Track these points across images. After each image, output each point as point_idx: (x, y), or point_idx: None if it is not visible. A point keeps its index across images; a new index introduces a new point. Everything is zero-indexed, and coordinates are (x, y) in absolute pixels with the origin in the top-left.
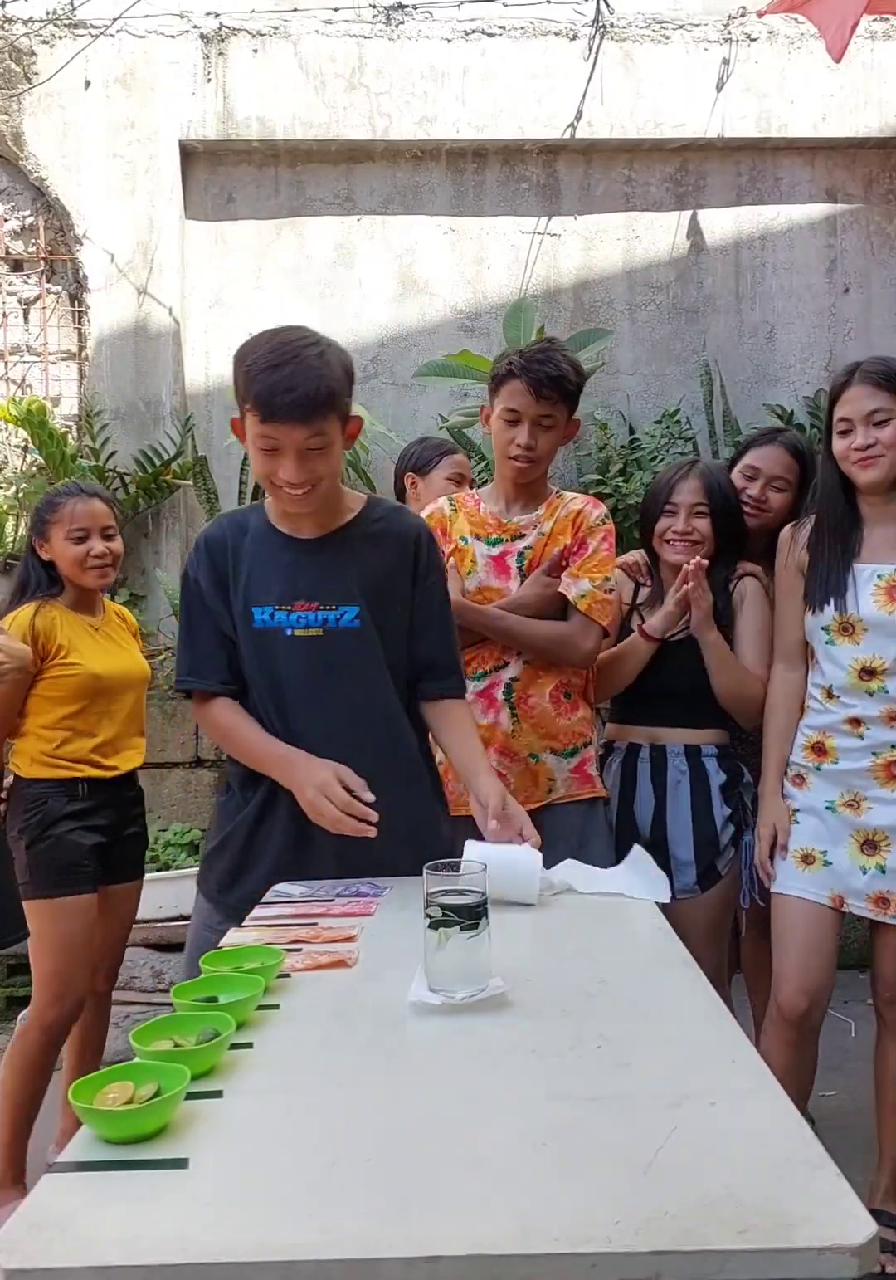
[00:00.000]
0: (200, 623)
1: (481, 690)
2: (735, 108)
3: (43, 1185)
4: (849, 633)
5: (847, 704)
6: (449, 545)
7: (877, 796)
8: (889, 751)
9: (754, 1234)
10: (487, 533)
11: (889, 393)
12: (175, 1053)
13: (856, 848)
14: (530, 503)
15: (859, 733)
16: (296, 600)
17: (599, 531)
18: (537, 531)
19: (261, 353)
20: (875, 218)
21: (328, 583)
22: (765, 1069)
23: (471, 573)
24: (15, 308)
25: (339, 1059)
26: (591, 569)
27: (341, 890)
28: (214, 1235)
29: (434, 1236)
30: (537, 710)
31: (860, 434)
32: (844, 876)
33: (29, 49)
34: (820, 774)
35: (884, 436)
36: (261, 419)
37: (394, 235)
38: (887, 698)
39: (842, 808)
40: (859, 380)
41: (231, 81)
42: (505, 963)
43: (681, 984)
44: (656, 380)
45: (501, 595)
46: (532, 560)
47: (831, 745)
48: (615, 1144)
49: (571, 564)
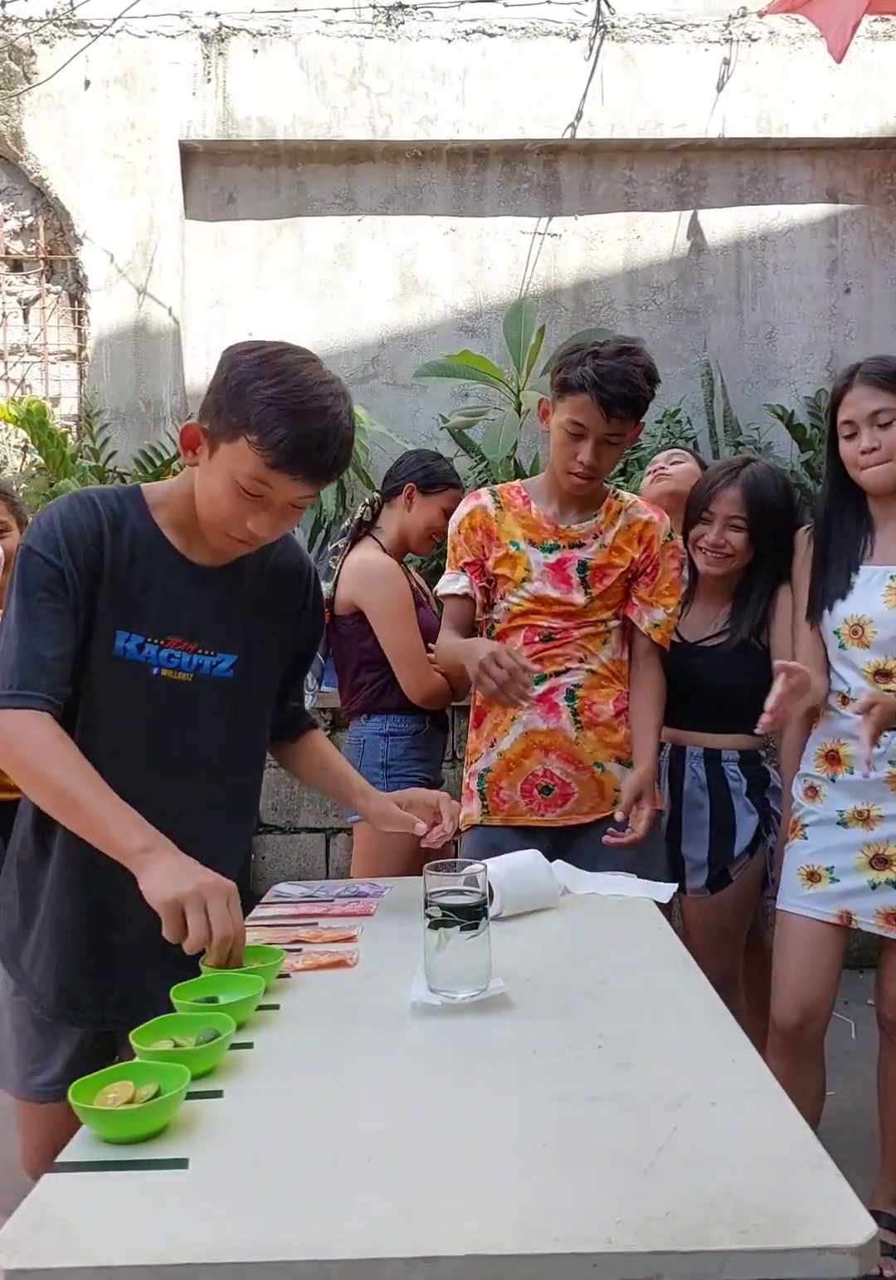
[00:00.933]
0: (47, 617)
1: (541, 695)
2: (736, 108)
3: (43, 1185)
4: (859, 636)
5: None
6: (497, 550)
7: (892, 812)
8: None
9: (754, 1234)
10: (543, 538)
11: (891, 392)
12: (175, 1053)
13: (865, 862)
14: (587, 507)
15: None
16: (172, 636)
17: (669, 550)
18: (600, 543)
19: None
20: (876, 218)
21: (212, 623)
22: (765, 1069)
23: (526, 580)
24: (15, 308)
25: (339, 1059)
26: (664, 594)
27: (341, 890)
28: (214, 1235)
29: (434, 1236)
30: (602, 719)
31: (865, 436)
32: (851, 893)
33: (29, 49)
34: (834, 785)
35: (888, 439)
36: (271, 466)
37: (394, 235)
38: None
39: (853, 821)
40: (859, 382)
41: (232, 81)
42: (505, 963)
43: (681, 984)
44: None
45: (561, 605)
46: (596, 570)
47: (846, 754)
48: (615, 1144)
49: (640, 586)
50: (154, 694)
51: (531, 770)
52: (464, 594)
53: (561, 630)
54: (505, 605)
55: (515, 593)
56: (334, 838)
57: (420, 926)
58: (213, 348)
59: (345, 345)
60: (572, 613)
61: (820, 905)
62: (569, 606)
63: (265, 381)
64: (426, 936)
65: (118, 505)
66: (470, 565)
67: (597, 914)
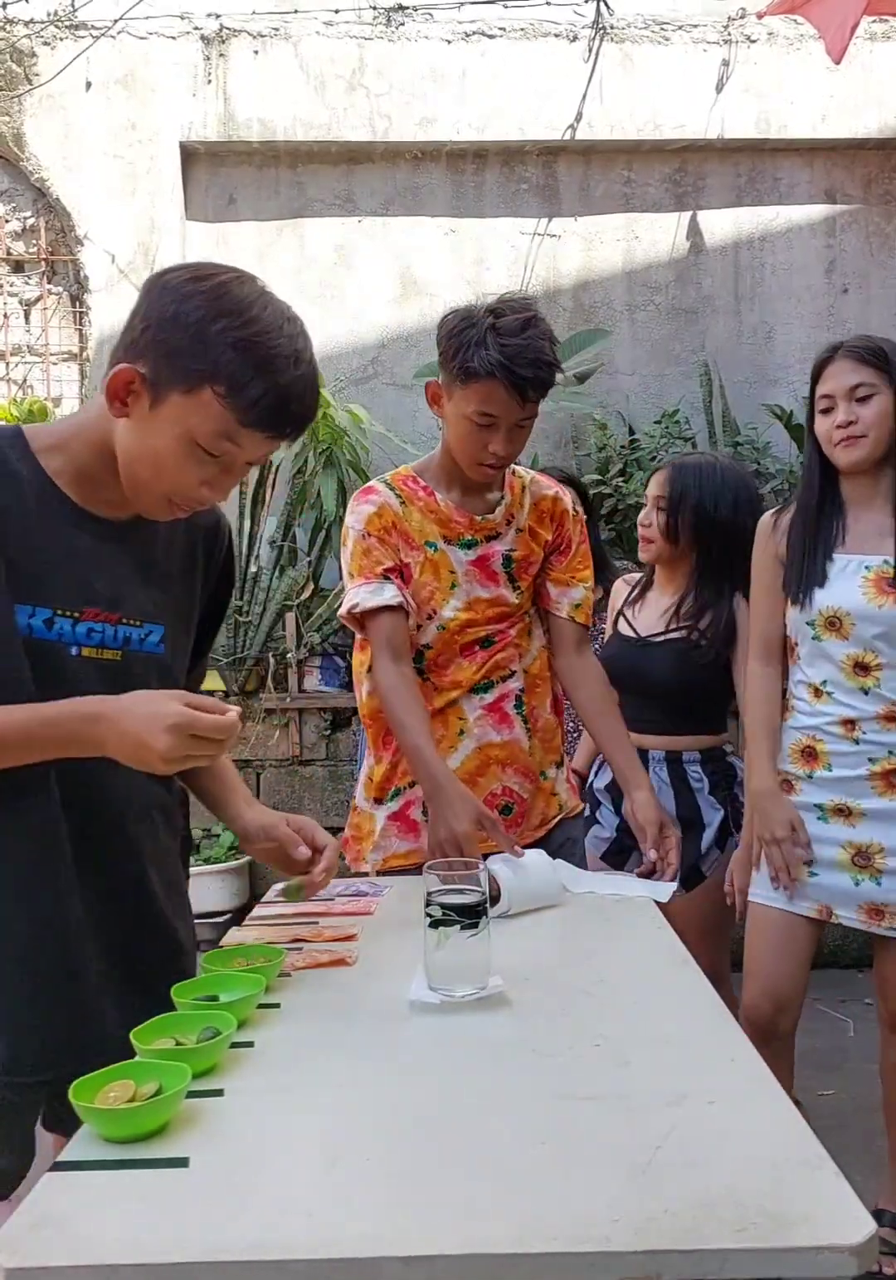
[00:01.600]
0: None
1: (490, 704)
2: (734, 109)
3: (43, 1184)
4: (836, 627)
5: (841, 703)
6: (415, 553)
7: (873, 809)
8: (887, 758)
9: (752, 1233)
10: (458, 533)
11: (873, 368)
12: (176, 1051)
13: (848, 860)
14: (490, 488)
15: (853, 736)
16: (88, 606)
17: (577, 524)
18: (515, 528)
19: (260, 334)
20: (874, 218)
21: (134, 586)
22: (764, 1068)
23: (455, 585)
24: (16, 308)
25: (339, 1058)
26: (579, 569)
27: (342, 889)
28: (214, 1234)
29: (433, 1235)
30: (542, 722)
31: (842, 410)
32: (831, 888)
33: (30, 50)
34: (811, 781)
35: (866, 414)
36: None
37: (394, 236)
38: (882, 696)
39: (833, 816)
40: (842, 356)
41: (232, 83)
42: (504, 962)
43: (680, 983)
44: (655, 381)
45: (495, 606)
46: (521, 564)
47: (823, 750)
48: (614, 1143)
49: (554, 566)
50: (75, 681)
51: (489, 789)
52: (398, 605)
53: (499, 633)
54: (438, 624)
55: (446, 604)
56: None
57: (420, 925)
58: None
59: (345, 346)
60: (507, 614)
61: (800, 900)
62: (503, 606)
63: (229, 321)
64: (426, 935)
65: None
66: (392, 571)
67: (597, 913)
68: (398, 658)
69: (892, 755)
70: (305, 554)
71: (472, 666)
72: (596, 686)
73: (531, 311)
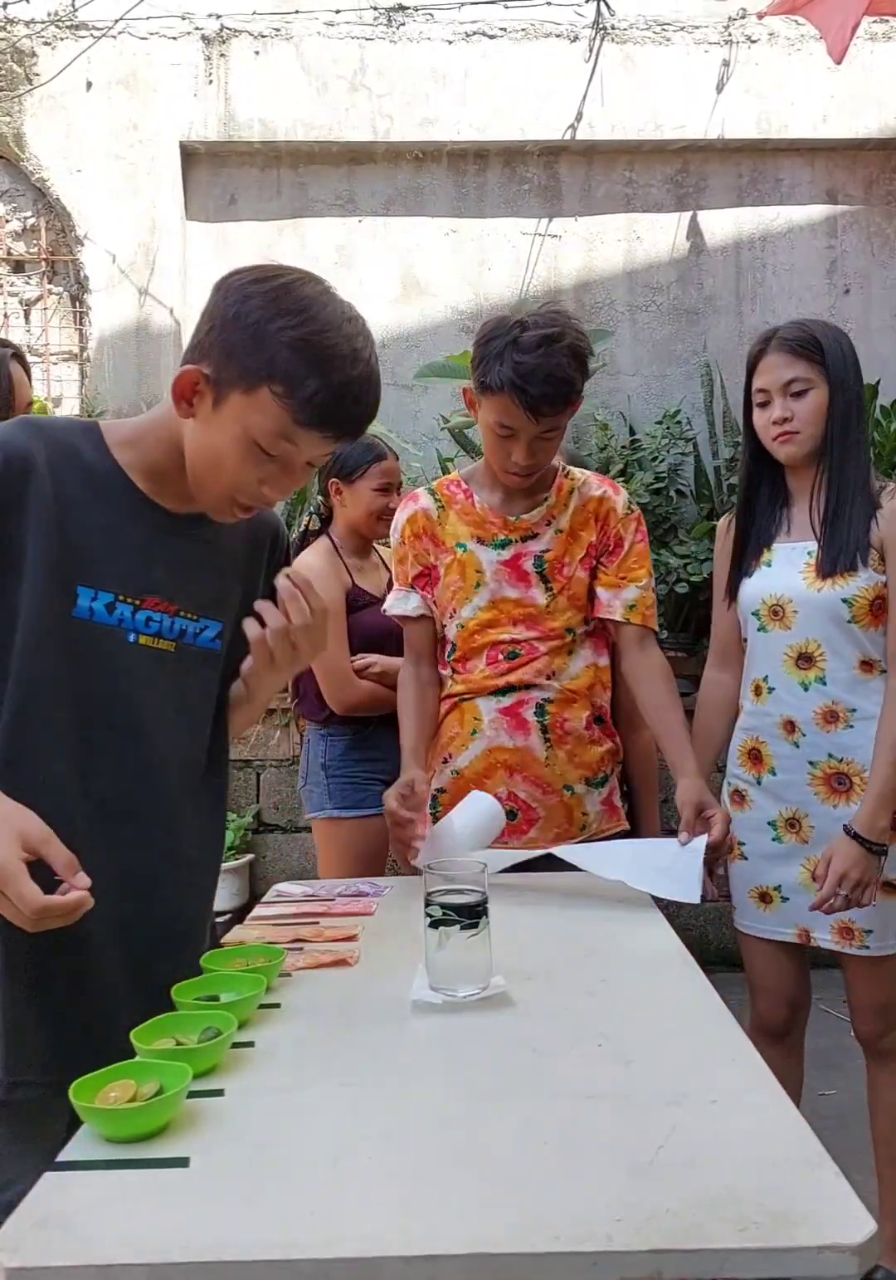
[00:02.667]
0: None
1: (506, 708)
2: (735, 109)
3: (44, 1184)
4: (779, 617)
5: (782, 701)
6: (444, 555)
7: (821, 815)
8: (827, 761)
9: (753, 1232)
10: (492, 534)
11: (807, 360)
12: (177, 1051)
13: (808, 877)
14: (536, 490)
15: (793, 739)
16: (149, 595)
17: (631, 522)
18: (554, 529)
19: (318, 333)
20: (875, 219)
21: (194, 581)
22: (764, 1067)
23: (480, 585)
24: (16, 309)
25: (340, 1057)
26: (633, 568)
27: (342, 889)
28: (215, 1234)
29: (434, 1235)
30: (573, 736)
31: (778, 406)
32: (801, 910)
33: (31, 50)
34: (760, 788)
35: (801, 410)
36: (301, 423)
37: (395, 236)
38: (823, 692)
39: (785, 832)
40: (775, 348)
41: (233, 83)
42: (505, 961)
43: (681, 982)
44: (657, 381)
45: (522, 607)
46: (554, 563)
47: (767, 752)
48: (615, 1142)
49: (605, 568)
50: (129, 668)
51: (493, 792)
52: (419, 615)
53: (526, 644)
54: (458, 623)
55: (468, 602)
56: None
57: (420, 924)
58: None
59: None
60: (535, 617)
61: (778, 926)
62: (530, 608)
63: (288, 320)
64: (427, 935)
65: (66, 436)
66: (419, 578)
67: (597, 913)
68: (418, 660)
69: (832, 759)
70: None
71: (495, 674)
72: (658, 683)
73: (556, 327)
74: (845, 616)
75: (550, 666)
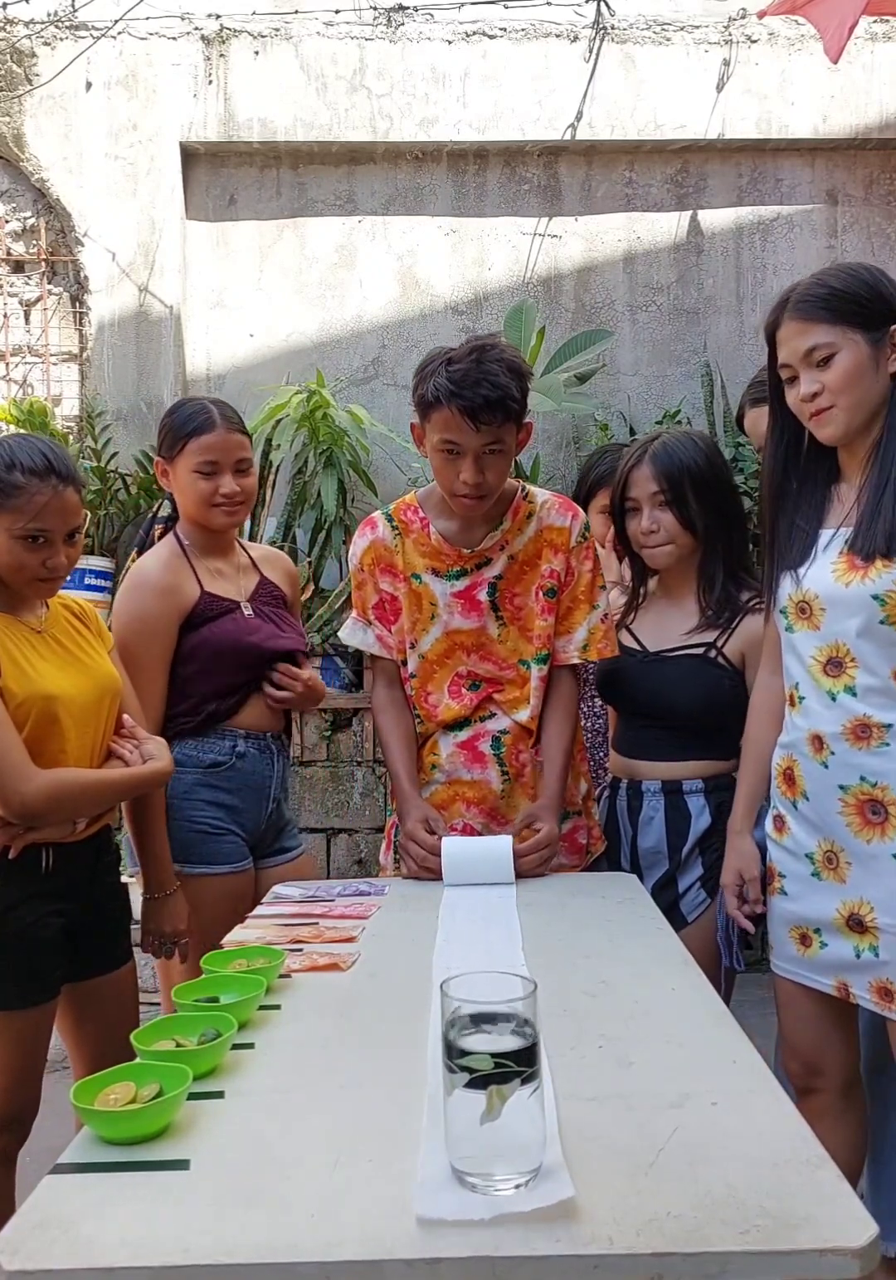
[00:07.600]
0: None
1: (463, 742)
2: (735, 109)
3: (44, 1186)
4: (806, 615)
5: (811, 712)
6: (401, 585)
7: (858, 851)
8: (859, 785)
9: (755, 1235)
10: (446, 565)
11: (826, 323)
12: (177, 1053)
13: (843, 923)
14: (492, 515)
15: (822, 758)
16: None
17: (581, 551)
18: (507, 555)
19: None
20: (875, 219)
21: None
22: (765, 1069)
23: (434, 617)
24: (16, 309)
25: (340, 1059)
26: (580, 600)
27: (342, 890)
28: (215, 1236)
29: (435, 1237)
30: (529, 770)
31: (803, 380)
32: (841, 961)
33: (30, 50)
34: (797, 814)
35: (829, 380)
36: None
37: (395, 236)
38: (853, 703)
39: (824, 869)
40: (789, 316)
41: (233, 83)
42: None
43: (682, 984)
44: (657, 381)
45: (474, 638)
46: (505, 591)
47: (798, 773)
48: (616, 1144)
49: (561, 606)
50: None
51: (451, 824)
52: (375, 652)
53: (485, 675)
54: (419, 653)
55: (426, 633)
56: (334, 838)
57: (420, 925)
58: (213, 348)
59: (346, 346)
60: (487, 646)
61: (818, 974)
62: (483, 639)
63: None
64: (456, 1100)
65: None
66: (377, 608)
67: (598, 914)
68: (391, 683)
69: (865, 782)
70: (305, 554)
71: (456, 705)
72: (563, 705)
73: (489, 340)
74: (878, 616)
75: (507, 697)
